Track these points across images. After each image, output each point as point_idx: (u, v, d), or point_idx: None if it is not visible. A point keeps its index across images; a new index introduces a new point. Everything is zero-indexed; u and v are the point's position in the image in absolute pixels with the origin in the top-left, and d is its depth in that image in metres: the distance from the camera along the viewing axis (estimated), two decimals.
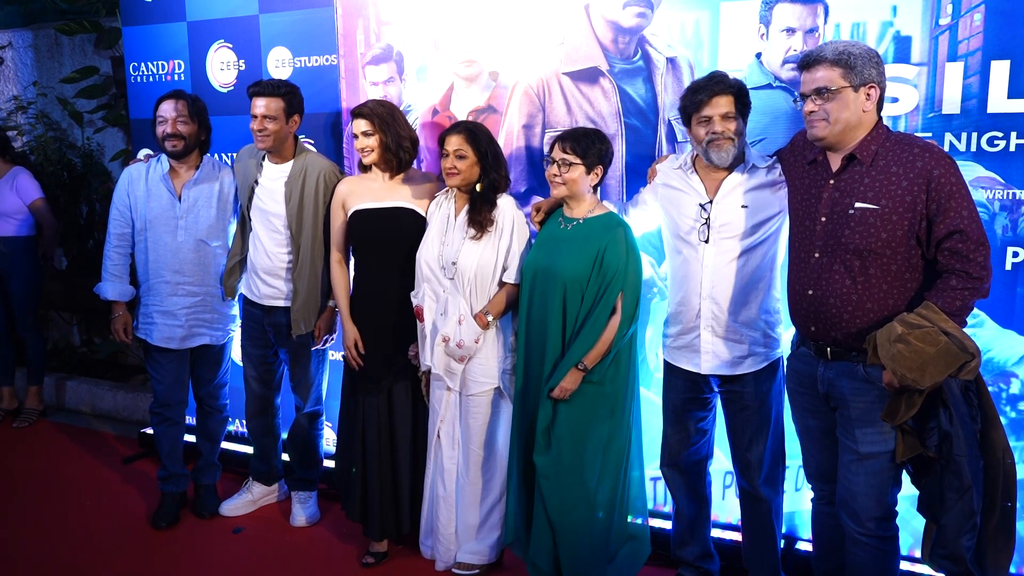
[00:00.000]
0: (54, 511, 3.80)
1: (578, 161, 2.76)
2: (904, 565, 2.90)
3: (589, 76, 3.13)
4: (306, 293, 3.33)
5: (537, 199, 3.20)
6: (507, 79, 3.30)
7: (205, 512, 3.70)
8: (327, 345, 3.48)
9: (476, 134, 2.92)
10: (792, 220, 2.57)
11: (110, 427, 4.81)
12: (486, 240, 2.92)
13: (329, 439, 3.89)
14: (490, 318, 2.91)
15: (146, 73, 4.12)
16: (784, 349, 2.78)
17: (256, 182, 3.38)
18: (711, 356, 2.73)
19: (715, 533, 3.14)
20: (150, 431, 4.28)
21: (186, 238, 3.44)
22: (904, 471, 2.42)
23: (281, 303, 3.41)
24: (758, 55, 2.88)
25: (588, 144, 2.77)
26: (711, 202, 2.67)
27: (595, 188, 2.86)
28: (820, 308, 2.42)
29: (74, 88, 5.29)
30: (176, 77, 4.04)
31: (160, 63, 4.07)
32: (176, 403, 3.62)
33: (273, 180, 3.35)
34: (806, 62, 2.38)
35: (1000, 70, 2.58)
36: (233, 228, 3.55)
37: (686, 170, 2.75)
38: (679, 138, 3.05)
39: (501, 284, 2.95)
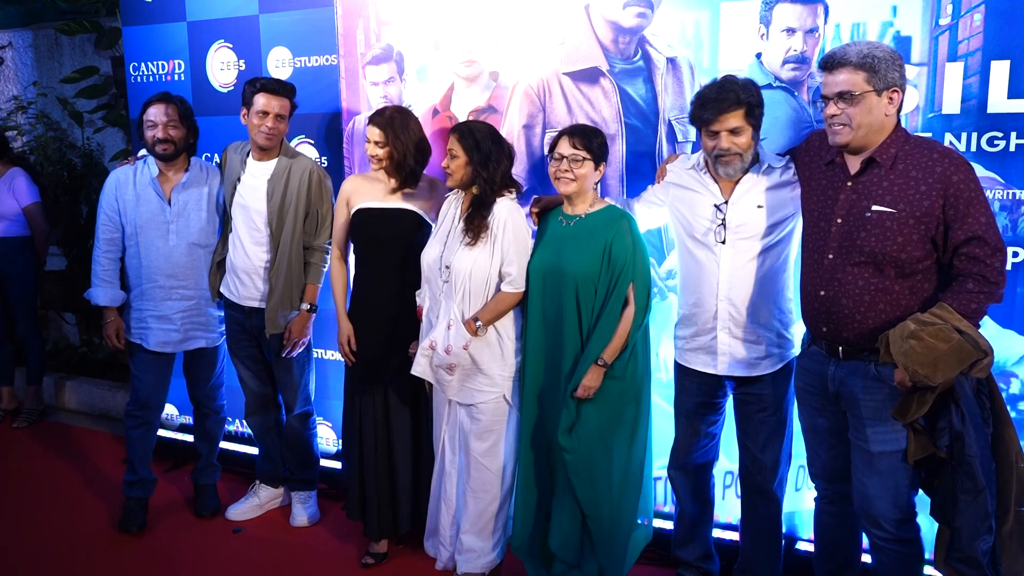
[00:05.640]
0: (54, 511, 3.80)
1: (588, 156, 2.75)
2: None
3: (589, 76, 3.13)
4: (281, 292, 3.32)
5: (537, 199, 3.20)
6: (507, 79, 3.30)
7: (205, 512, 3.70)
8: (296, 351, 3.41)
9: (465, 134, 2.85)
10: (806, 220, 2.55)
11: (110, 427, 4.81)
12: (481, 246, 2.85)
13: (329, 439, 3.89)
14: (479, 324, 2.84)
15: (146, 73, 4.12)
16: (797, 349, 2.76)
17: (239, 179, 3.37)
18: (728, 357, 2.72)
19: (715, 533, 3.14)
20: None
21: (178, 242, 3.42)
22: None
23: (260, 304, 3.38)
24: (758, 55, 2.88)
25: (593, 138, 2.77)
26: (727, 203, 2.65)
27: (596, 184, 2.86)
28: (832, 309, 2.41)
29: (74, 88, 5.28)
30: (176, 77, 4.04)
31: (160, 63, 4.07)
32: (155, 406, 3.60)
33: (256, 177, 3.34)
34: (829, 64, 2.34)
35: (1000, 70, 2.58)
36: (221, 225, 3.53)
37: (699, 170, 2.72)
38: (679, 138, 3.05)
39: (499, 291, 2.89)
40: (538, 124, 3.25)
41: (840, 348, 2.43)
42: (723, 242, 2.65)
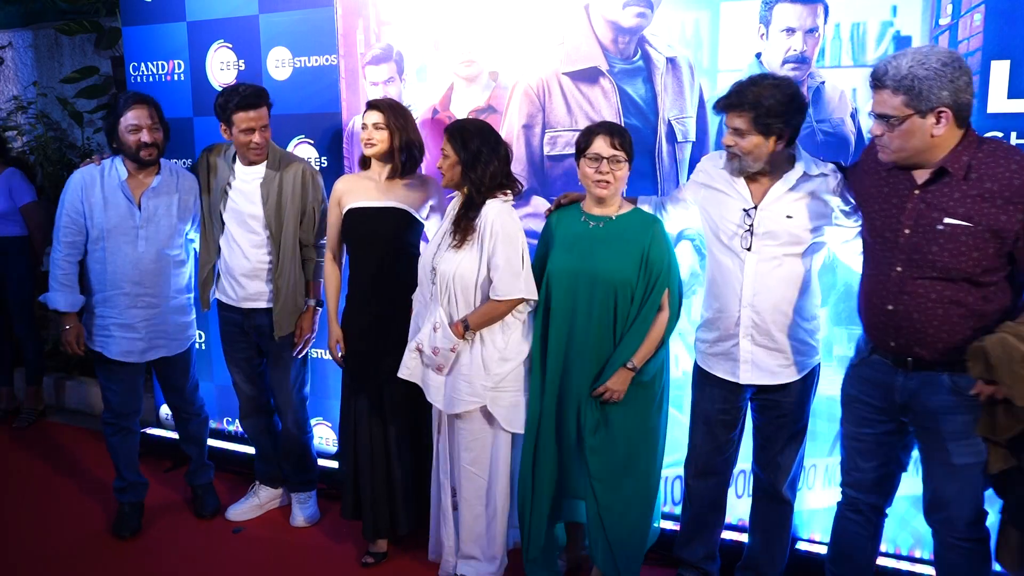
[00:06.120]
0: (54, 511, 3.80)
1: (626, 157, 2.66)
2: (904, 565, 2.90)
3: (589, 76, 3.13)
4: (288, 293, 3.32)
5: (537, 199, 3.20)
6: (507, 79, 3.30)
7: (206, 512, 3.69)
8: (307, 347, 3.45)
9: (454, 133, 2.79)
10: (868, 230, 2.41)
11: None
12: (468, 248, 2.77)
13: (329, 439, 3.89)
14: (465, 327, 2.76)
15: (146, 73, 4.12)
16: (821, 356, 2.73)
17: (229, 184, 3.33)
18: (750, 366, 2.65)
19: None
20: (149, 431, 4.29)
21: (147, 248, 3.30)
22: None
23: (261, 305, 3.37)
24: (758, 55, 2.88)
25: (627, 136, 2.67)
26: (755, 208, 2.57)
27: None
28: (901, 324, 2.28)
29: (74, 88, 5.28)
30: (176, 77, 4.04)
31: (160, 63, 4.07)
32: (132, 412, 3.51)
33: (247, 182, 3.31)
34: (871, 81, 2.23)
35: (1000, 70, 2.58)
36: (188, 231, 3.46)
37: (727, 170, 2.62)
38: (679, 138, 3.05)
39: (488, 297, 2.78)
40: (538, 124, 3.25)
41: (910, 360, 2.31)
42: (749, 248, 2.57)
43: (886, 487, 2.54)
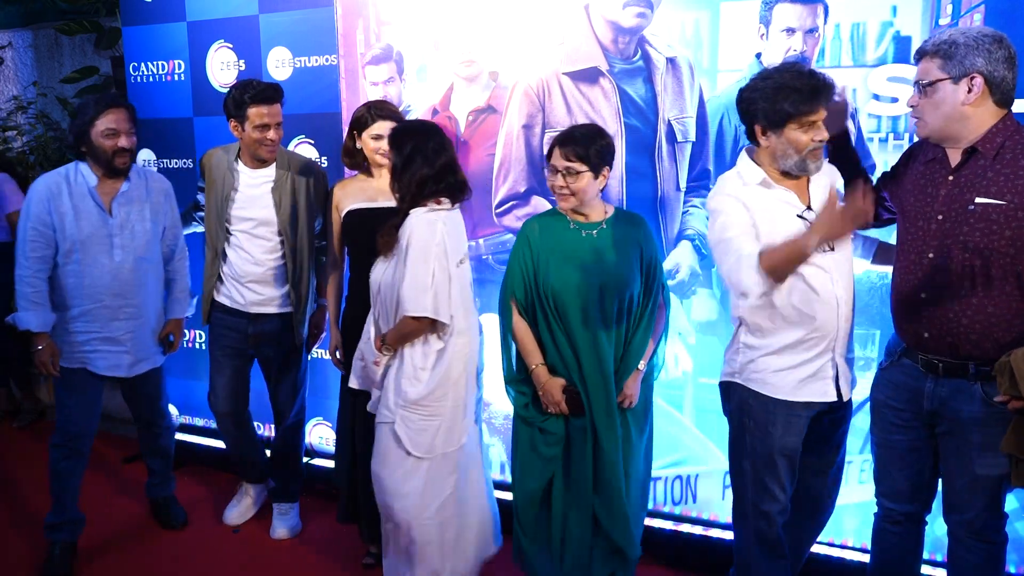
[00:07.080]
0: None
1: (584, 168, 2.53)
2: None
3: (589, 76, 3.14)
4: (309, 299, 3.31)
5: (537, 199, 3.20)
6: (507, 79, 3.30)
7: (177, 523, 3.60)
8: (317, 345, 3.47)
9: (393, 136, 2.69)
10: (904, 221, 2.35)
11: (110, 427, 4.79)
12: (391, 260, 2.66)
13: (329, 439, 3.90)
14: (384, 342, 2.67)
15: (146, 73, 4.13)
16: None
17: (235, 188, 3.23)
18: (844, 380, 2.45)
19: (715, 533, 3.16)
20: None
21: (124, 257, 3.13)
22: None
23: (272, 310, 3.32)
24: (758, 55, 2.88)
25: (589, 144, 2.53)
26: (809, 208, 2.39)
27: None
28: (934, 312, 2.22)
29: (74, 88, 5.28)
30: (176, 77, 4.04)
31: (160, 63, 4.08)
32: (89, 433, 3.24)
33: (254, 186, 3.24)
34: (915, 56, 2.23)
35: None
36: (182, 235, 3.39)
37: (765, 185, 2.41)
38: (679, 138, 3.05)
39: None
40: (537, 124, 3.25)
41: (940, 364, 2.24)
42: (832, 249, 2.36)
43: (923, 495, 2.44)
